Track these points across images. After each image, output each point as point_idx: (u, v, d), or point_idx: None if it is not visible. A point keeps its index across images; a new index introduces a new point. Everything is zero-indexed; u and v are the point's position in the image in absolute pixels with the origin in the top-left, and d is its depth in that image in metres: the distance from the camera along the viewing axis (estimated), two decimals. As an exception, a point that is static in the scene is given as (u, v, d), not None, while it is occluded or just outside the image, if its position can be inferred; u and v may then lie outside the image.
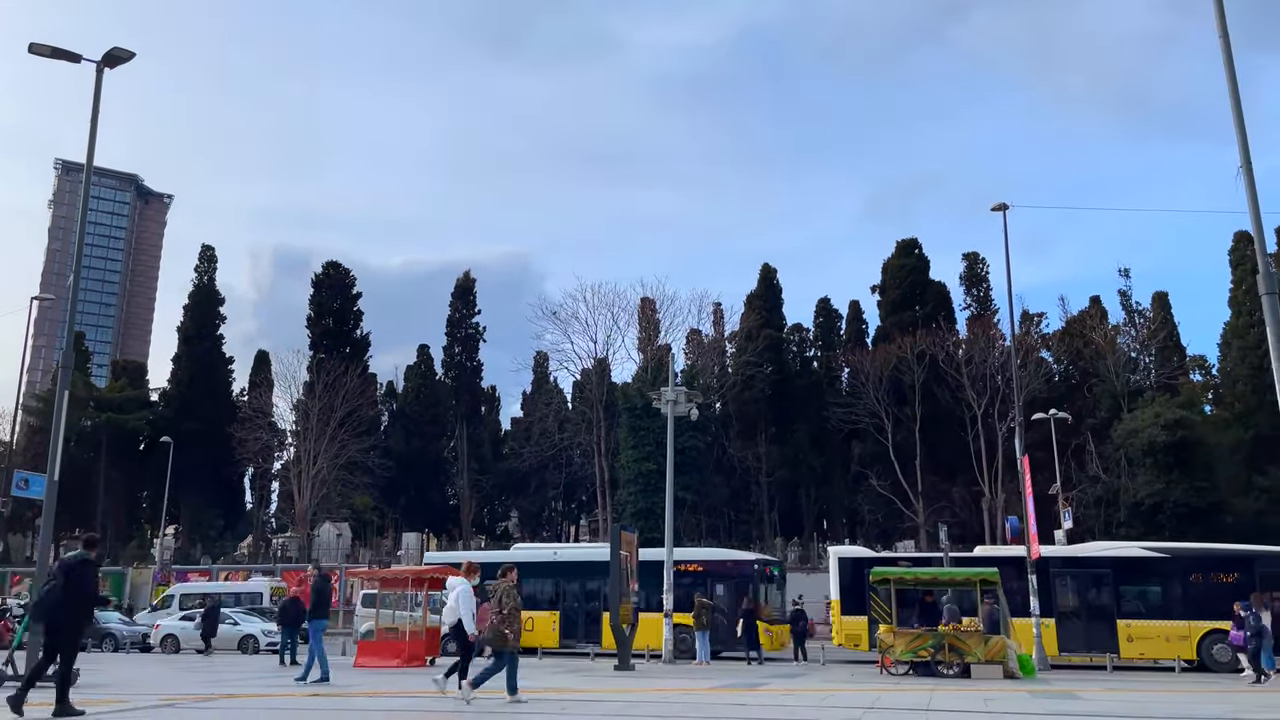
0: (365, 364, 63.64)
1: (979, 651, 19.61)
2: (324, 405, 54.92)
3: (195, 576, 49.17)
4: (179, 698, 12.69)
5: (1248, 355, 51.62)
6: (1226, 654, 22.77)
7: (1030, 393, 48.05)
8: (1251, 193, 13.35)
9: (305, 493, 54.91)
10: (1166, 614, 24.58)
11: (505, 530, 70.01)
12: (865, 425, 55.02)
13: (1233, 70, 13.56)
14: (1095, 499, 47.61)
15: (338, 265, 66.03)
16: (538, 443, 61.54)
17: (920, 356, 52.89)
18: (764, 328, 61.81)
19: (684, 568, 28.59)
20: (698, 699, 13.69)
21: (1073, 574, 26.77)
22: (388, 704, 12.73)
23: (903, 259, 62.44)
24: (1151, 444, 45.02)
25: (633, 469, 52.24)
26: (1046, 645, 23.99)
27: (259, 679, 17.43)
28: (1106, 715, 11.76)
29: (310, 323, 64.05)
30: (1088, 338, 55.37)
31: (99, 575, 10.47)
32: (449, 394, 66.49)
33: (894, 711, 11.56)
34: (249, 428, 57.36)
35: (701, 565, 29.45)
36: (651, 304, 60.13)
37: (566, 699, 13.44)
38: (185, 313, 66.51)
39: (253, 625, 31.53)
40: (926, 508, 52.64)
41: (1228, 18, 13.87)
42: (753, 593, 27.33)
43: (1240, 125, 13.42)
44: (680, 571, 27.62)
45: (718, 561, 30.21)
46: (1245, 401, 52.11)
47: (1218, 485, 45.49)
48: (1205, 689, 17.73)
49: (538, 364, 70.71)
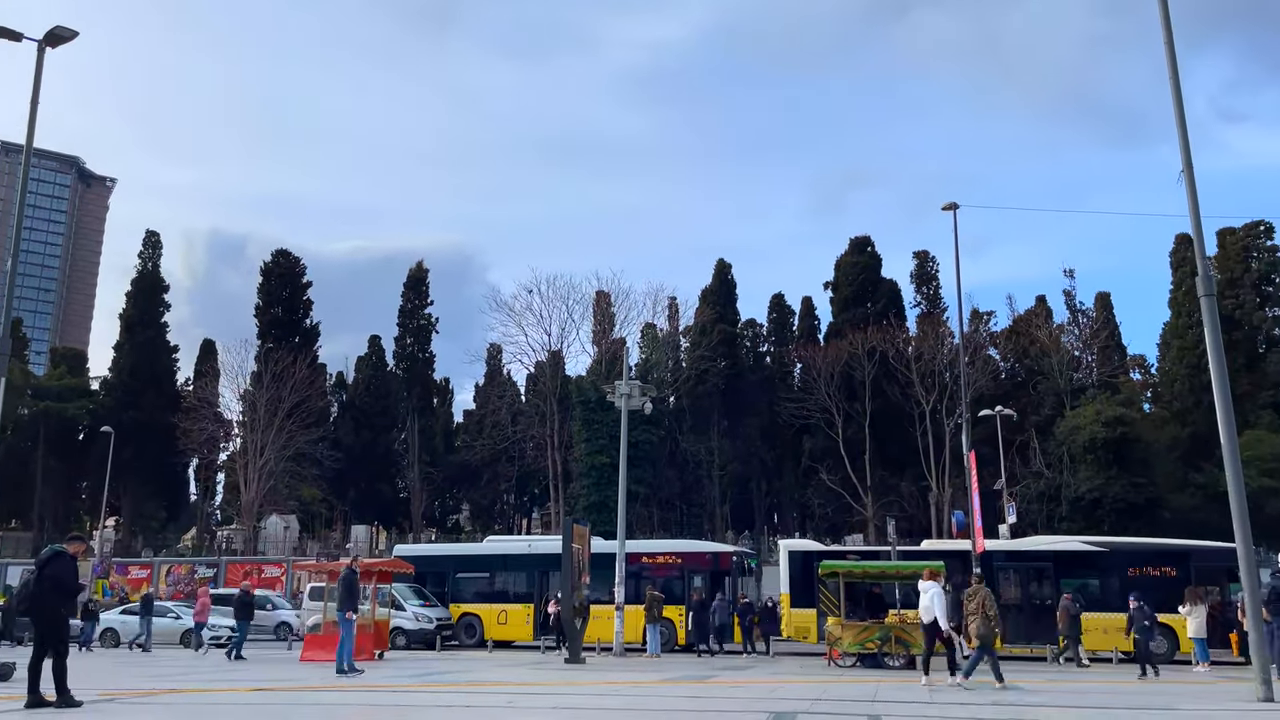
0: (315, 354, 62.73)
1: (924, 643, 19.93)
2: (272, 396, 54.01)
3: (136, 569, 48.11)
4: (119, 693, 12.42)
5: (1186, 355, 53.11)
6: (1163, 646, 23.41)
7: (977, 390, 48.89)
8: (1192, 196, 13.68)
9: (252, 484, 53.98)
10: (1105, 606, 25.18)
11: (456, 523, 69.55)
12: (816, 420, 55.58)
13: (1176, 76, 13.88)
14: (1038, 494, 48.65)
15: (287, 254, 64.96)
16: (490, 435, 61.19)
17: (871, 353, 53.56)
18: (718, 322, 62.10)
19: (659, 559, 28.71)
20: (647, 691, 13.74)
21: (1015, 567, 27.34)
22: (337, 698, 12.58)
23: (855, 256, 63.13)
24: (1092, 441, 46.12)
25: (586, 462, 52.21)
26: (990, 637, 24.42)
27: (206, 674, 17.12)
28: (1047, 705, 12.03)
29: (258, 311, 62.96)
30: (1033, 336, 56.50)
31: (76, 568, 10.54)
32: (400, 385, 65.82)
33: (841, 703, 11.71)
34: (194, 418, 56.22)
35: (679, 557, 29.41)
36: (606, 297, 60.10)
37: (514, 691, 13.41)
38: (128, 299, 64.91)
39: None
40: (875, 502, 53.36)
41: (1165, 24, 14.20)
42: (733, 585, 27.65)
43: (1183, 130, 13.75)
44: (657, 564, 27.75)
45: (695, 554, 30.18)
46: (1182, 400, 53.63)
47: (1155, 481, 46.72)
48: (1139, 680, 18.23)
49: (491, 356, 70.30)
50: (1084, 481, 46.19)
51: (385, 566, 23.26)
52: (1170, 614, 22.62)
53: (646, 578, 28.19)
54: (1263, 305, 55.43)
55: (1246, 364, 52.31)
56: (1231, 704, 11.91)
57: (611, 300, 59.89)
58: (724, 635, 26.46)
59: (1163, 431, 52.95)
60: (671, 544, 33.38)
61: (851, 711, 10.51)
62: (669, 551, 30.04)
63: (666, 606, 26.38)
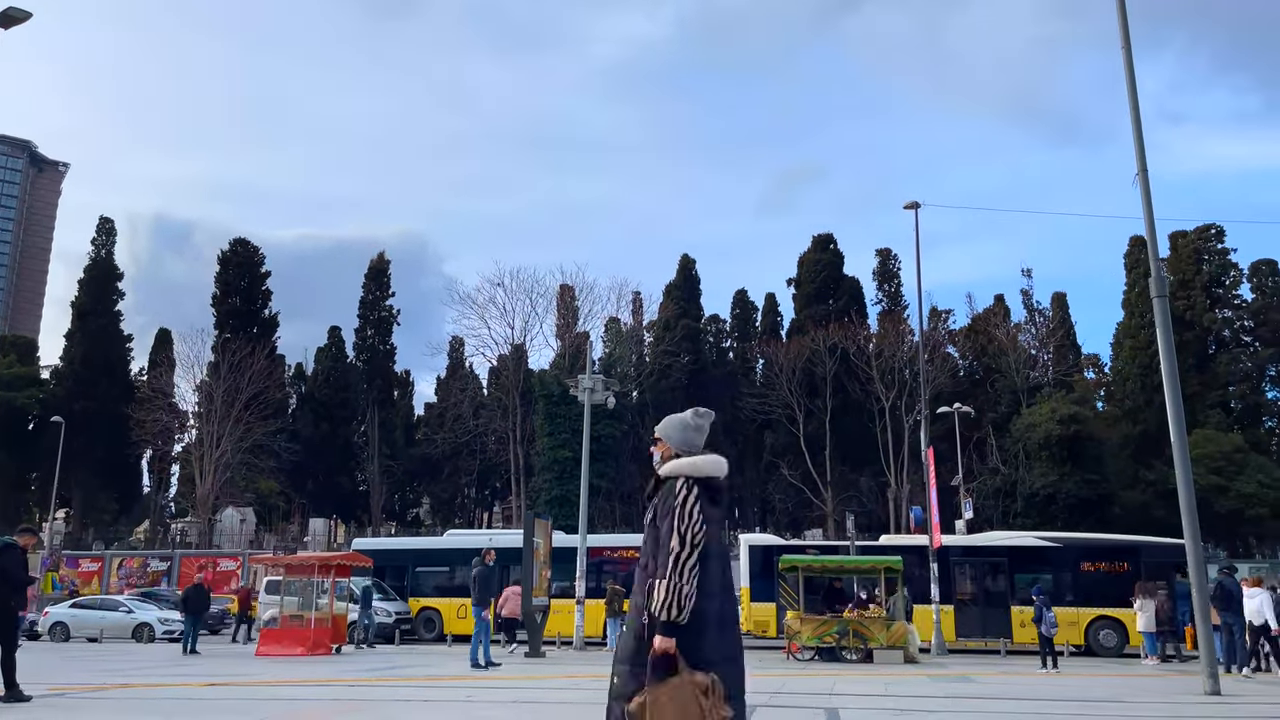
0: (273, 345, 61.83)
1: (881, 637, 20.20)
2: (229, 386, 53.18)
3: (86, 562, 47.16)
4: (69, 687, 12.18)
5: (1138, 355, 54.23)
6: (1112, 639, 23.92)
7: (936, 387, 49.53)
8: (1146, 199, 13.93)
9: (207, 476, 53.14)
10: (1057, 601, 25.56)
11: (416, 517, 69.07)
12: (778, 416, 55.94)
13: (1133, 80, 14.12)
14: (994, 490, 49.42)
15: (246, 243, 63.95)
16: (452, 429, 60.80)
17: (833, 349, 54.02)
18: (682, 318, 62.22)
19: (621, 553, 28.73)
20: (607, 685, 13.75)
21: (970, 562, 27.76)
22: (293, 692, 12.44)
23: (818, 253, 63.59)
24: (1047, 438, 46.93)
25: (548, 456, 52.08)
26: (945, 631, 24.81)
27: (159, 669, 16.84)
28: (1000, 697, 12.24)
29: (215, 301, 61.97)
30: (991, 335, 57.33)
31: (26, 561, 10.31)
32: (361, 377, 65.16)
33: (799, 695, 11.82)
34: (148, 408, 55.17)
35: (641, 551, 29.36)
36: (571, 291, 59.94)
37: (474, 685, 13.36)
38: (80, 287, 63.50)
39: (148, 613, 30.39)
40: (835, 497, 53.86)
41: (1123, 28, 14.45)
42: None
43: (1138, 133, 13.99)
44: (619, 558, 27.78)
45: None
46: (1134, 399, 54.78)
47: (1107, 478, 47.66)
48: (1089, 673, 18.61)
49: (453, 349, 69.85)
50: (1039, 478, 47.01)
51: (344, 560, 23.03)
52: (1121, 608, 23.11)
53: (608, 572, 28.21)
54: (1213, 307, 56.75)
55: (1196, 364, 53.55)
56: (1179, 697, 12.20)
57: (575, 294, 59.78)
58: None
59: (1115, 429, 54.05)
60: (633, 538, 33.35)
61: (810, 704, 10.61)
62: (631, 546, 30.06)
63: (627, 601, 26.39)
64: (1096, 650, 24.57)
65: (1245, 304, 57.73)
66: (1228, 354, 56.15)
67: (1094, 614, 24.92)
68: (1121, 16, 14.36)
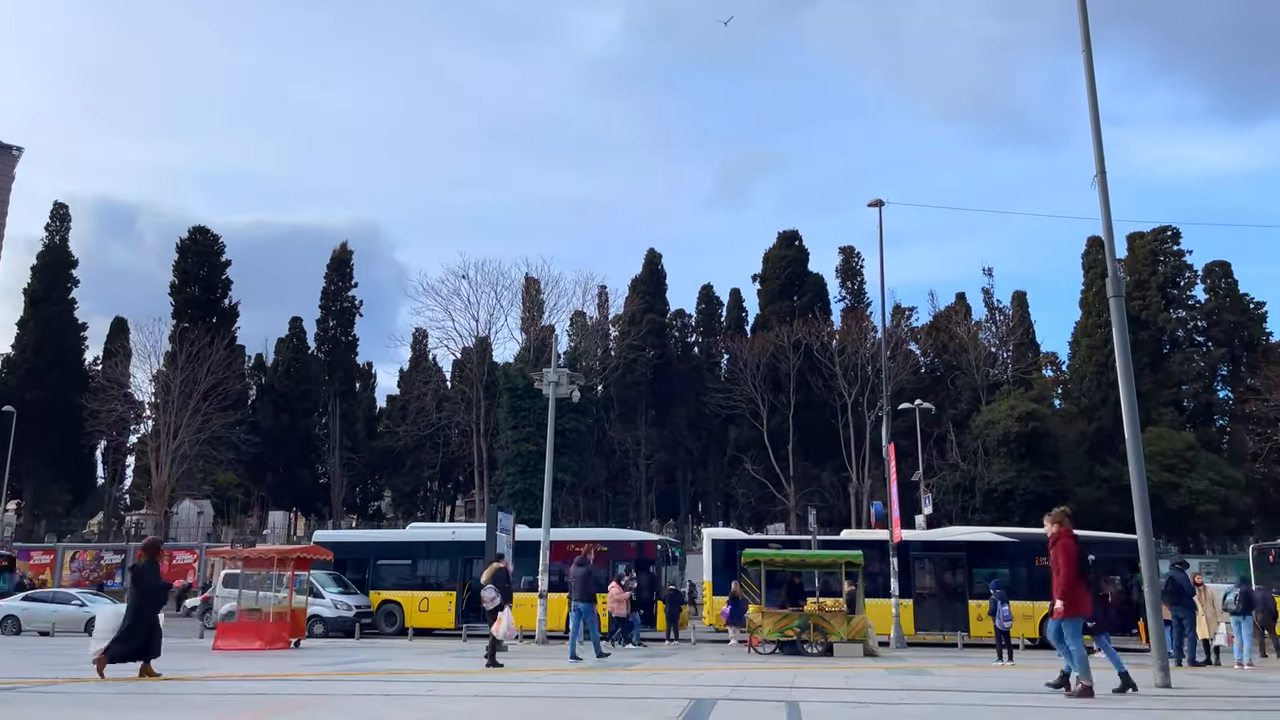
0: (233, 335, 61.01)
1: (842, 631, 20.39)
2: (187, 377, 52.36)
3: (38, 555, 46.21)
4: (20, 681, 11.93)
5: (1094, 353, 55.23)
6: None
7: (898, 383, 50.08)
8: (1104, 201, 14.15)
9: (164, 468, 52.29)
10: (1013, 594, 26.04)
11: (378, 510, 68.52)
12: (742, 411, 56.23)
13: (1093, 84, 14.33)
14: (954, 485, 50.11)
15: (205, 231, 62.96)
16: (414, 421, 60.37)
17: (796, 345, 54.40)
18: (647, 312, 62.27)
19: (584, 548, 28.67)
20: (569, 679, 13.75)
21: (930, 557, 28.13)
22: (252, 687, 12.29)
23: (783, 250, 63.96)
24: (1006, 435, 47.65)
25: (512, 449, 51.90)
26: (904, 624, 25.12)
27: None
28: (957, 689, 12.41)
29: (173, 290, 61.04)
30: (953, 333, 58.06)
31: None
32: (322, 369, 64.46)
33: (760, 689, 11.89)
34: (102, 398, 54.18)
35: (604, 546, 29.38)
36: (536, 284, 59.76)
37: (435, 680, 13.29)
38: (33, 274, 62.16)
39: (101, 606, 29.81)
40: (797, 492, 54.29)
41: (1084, 32, 14.65)
42: (658, 573, 27.82)
43: (1097, 135, 14.19)
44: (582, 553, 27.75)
45: (621, 543, 30.19)
46: (1090, 396, 55.78)
47: (1063, 474, 48.51)
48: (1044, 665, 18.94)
49: (416, 341, 69.34)
50: (997, 474, 47.71)
51: (304, 553, 22.78)
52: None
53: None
54: (1168, 307, 57.92)
55: (1151, 363, 54.64)
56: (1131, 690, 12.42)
57: (541, 287, 59.62)
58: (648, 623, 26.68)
59: (1071, 426, 55.02)
60: (597, 532, 33.44)
61: (770, 698, 10.68)
62: (594, 540, 30.06)
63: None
64: (1052, 645, 24.90)
65: (1199, 305, 59.00)
66: (1181, 354, 57.35)
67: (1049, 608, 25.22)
68: (1083, 20, 14.56)
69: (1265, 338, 57.99)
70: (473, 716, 9.29)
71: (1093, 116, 14.22)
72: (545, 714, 9.68)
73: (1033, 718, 9.48)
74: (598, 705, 10.45)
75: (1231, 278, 58.96)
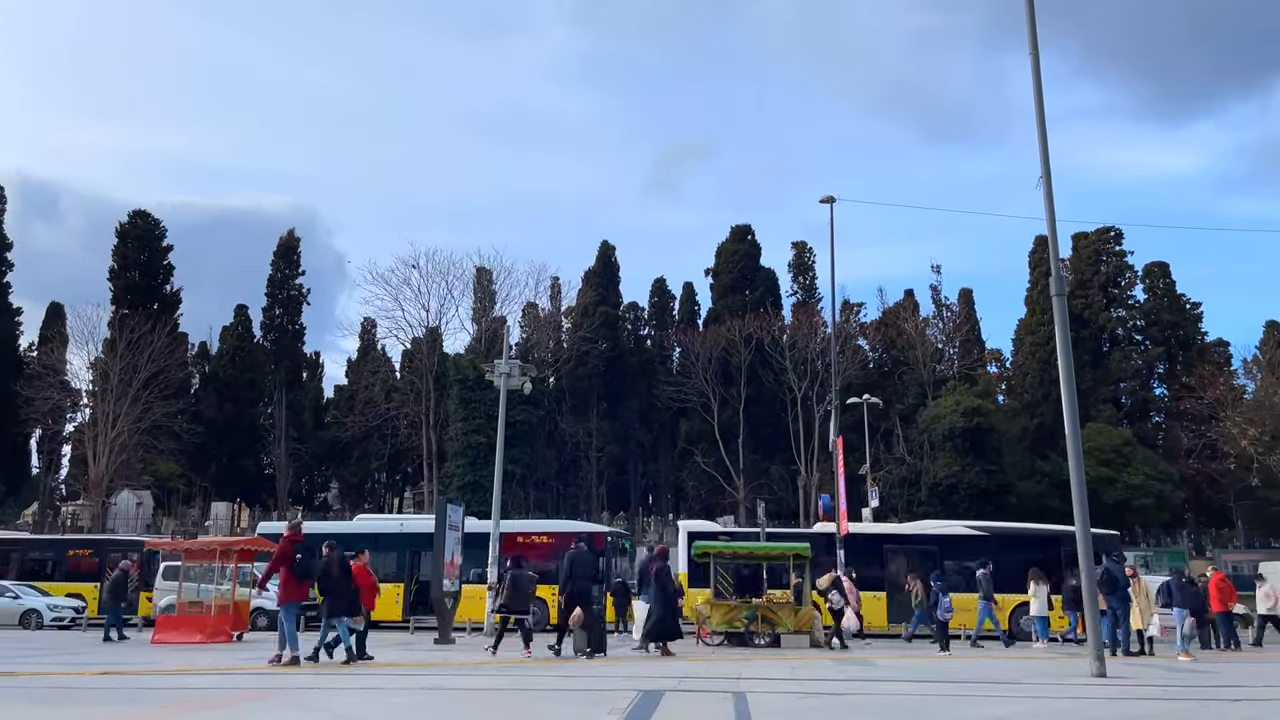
0: (175, 322, 59.63)
1: (789, 622, 20.61)
2: (127, 364, 51.07)
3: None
4: (-55, 679, 11.54)
5: (1037, 350, 56.47)
6: (1032, 624, 24.72)
7: (847, 378, 50.68)
8: (1049, 202, 14.45)
9: (101, 458, 50.95)
10: (955, 587, 26.50)
11: (324, 502, 67.58)
12: (693, 404, 56.49)
13: (1039, 85, 14.58)
14: (900, 479, 50.88)
15: (146, 215, 61.38)
16: (362, 412, 59.64)
17: (748, 339, 54.78)
18: (600, 304, 62.20)
19: (534, 539, 28.51)
20: (517, 671, 13.71)
21: (877, 550, 28.47)
22: (194, 681, 12.05)
23: (736, 244, 64.31)
24: (951, 430, 48.52)
25: (462, 441, 51.52)
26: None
27: (51, 657, 16.11)
28: (902, 679, 12.63)
29: (113, 275, 59.42)
30: (901, 328, 58.92)
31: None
32: (268, 358, 63.33)
33: (707, 680, 11.98)
34: (37, 385, 52.62)
35: (554, 538, 29.05)
36: (488, 274, 59.31)
37: (382, 672, 13.15)
38: (-35, 257, 60.06)
39: (35, 599, 29.07)
40: (747, 485, 54.73)
41: (1032, 35, 14.90)
42: (608, 566, 27.70)
43: (1043, 137, 14.48)
44: (532, 544, 27.56)
45: (570, 534, 29.98)
46: (1033, 393, 57.03)
47: (1006, 469, 49.56)
48: (986, 656, 19.34)
49: (365, 330, 68.44)
50: (942, 468, 48.56)
51: (247, 545, 22.37)
52: (1019, 594, 24.03)
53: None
54: (1109, 306, 59.39)
55: (1091, 361, 56.02)
56: (1068, 679, 12.76)
57: (493, 277, 59.21)
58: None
59: (1014, 422, 56.21)
60: (547, 524, 33.30)
61: (718, 688, 10.76)
62: (544, 531, 29.90)
63: (540, 587, 26.25)
64: (1017, 635, 25.26)
65: (1138, 304, 60.59)
66: (1120, 352, 58.86)
67: (1016, 600, 25.39)
68: (1031, 23, 14.80)
69: (1200, 337, 59.75)
70: (419, 709, 9.21)
71: (1039, 120, 14.49)
72: (494, 707, 9.64)
73: (973, 706, 9.69)
74: (547, 698, 10.43)
75: (1169, 278, 60.63)
